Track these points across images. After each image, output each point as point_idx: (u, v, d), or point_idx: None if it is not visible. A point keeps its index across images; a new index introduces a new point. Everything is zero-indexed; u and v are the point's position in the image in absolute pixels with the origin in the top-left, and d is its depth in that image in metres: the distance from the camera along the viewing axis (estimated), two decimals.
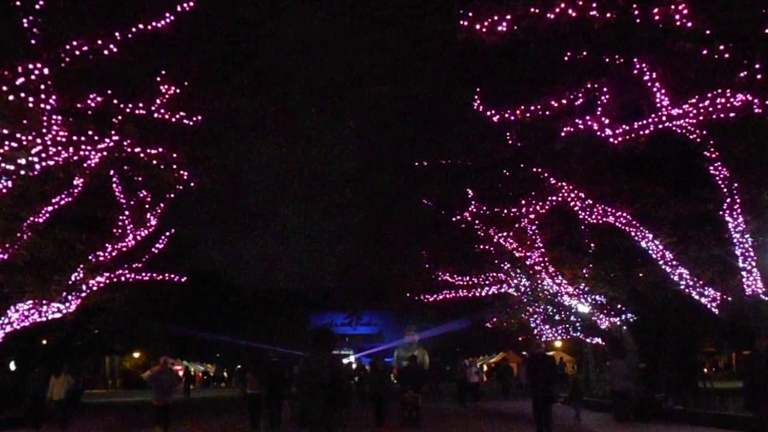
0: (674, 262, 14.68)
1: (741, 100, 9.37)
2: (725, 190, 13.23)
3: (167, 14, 9.68)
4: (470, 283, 22.93)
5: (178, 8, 9.64)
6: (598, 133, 10.96)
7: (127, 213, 16.04)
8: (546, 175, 15.10)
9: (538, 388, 12.06)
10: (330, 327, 7.93)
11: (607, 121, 10.88)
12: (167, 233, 18.49)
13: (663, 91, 10.13)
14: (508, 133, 13.73)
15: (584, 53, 10.14)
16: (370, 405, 16.46)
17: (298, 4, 13.26)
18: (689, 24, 8.55)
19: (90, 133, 10.68)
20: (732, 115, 9.71)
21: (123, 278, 17.99)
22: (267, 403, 15.62)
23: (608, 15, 8.68)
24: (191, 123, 11.49)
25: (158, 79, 11.08)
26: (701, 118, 10.14)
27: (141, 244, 17.28)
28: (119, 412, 24.52)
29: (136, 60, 10.58)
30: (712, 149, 13.09)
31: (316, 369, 6.95)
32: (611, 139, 10.96)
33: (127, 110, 10.78)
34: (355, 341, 62.94)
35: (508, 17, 8.82)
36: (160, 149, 12.18)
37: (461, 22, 9.04)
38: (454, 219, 18.69)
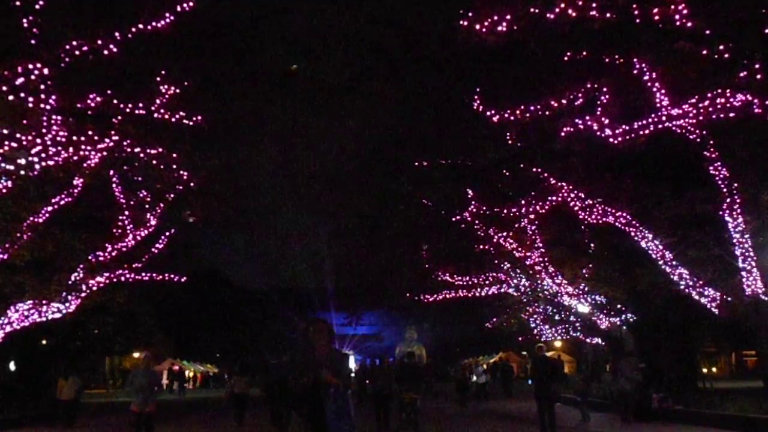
0: (674, 263, 14.67)
1: (741, 100, 9.38)
2: (725, 190, 13.22)
3: (167, 14, 9.70)
4: (470, 283, 22.90)
5: (178, 8, 9.66)
6: (598, 133, 10.97)
7: (127, 213, 16.04)
8: (546, 175, 15.10)
9: (541, 389, 12.49)
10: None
11: (607, 121, 10.88)
12: (167, 233, 18.49)
13: (663, 91, 10.14)
14: (508, 133, 13.73)
15: (584, 53, 10.16)
16: (372, 407, 16.29)
17: (298, 4, 13.27)
18: (689, 24, 8.56)
19: (90, 133, 10.69)
20: (732, 115, 9.73)
21: (123, 278, 17.98)
22: (269, 403, 16.02)
23: (608, 15, 8.70)
24: (191, 123, 11.50)
25: (158, 79, 11.09)
26: (701, 118, 10.16)
27: (141, 244, 17.29)
28: (119, 412, 24.46)
29: (136, 60, 10.59)
30: (712, 149, 13.08)
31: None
32: (611, 139, 10.96)
33: (127, 110, 10.79)
34: (355, 341, 62.89)
35: (508, 17, 8.84)
36: (160, 149, 12.20)
37: (461, 22, 9.05)
38: (454, 219, 18.68)
